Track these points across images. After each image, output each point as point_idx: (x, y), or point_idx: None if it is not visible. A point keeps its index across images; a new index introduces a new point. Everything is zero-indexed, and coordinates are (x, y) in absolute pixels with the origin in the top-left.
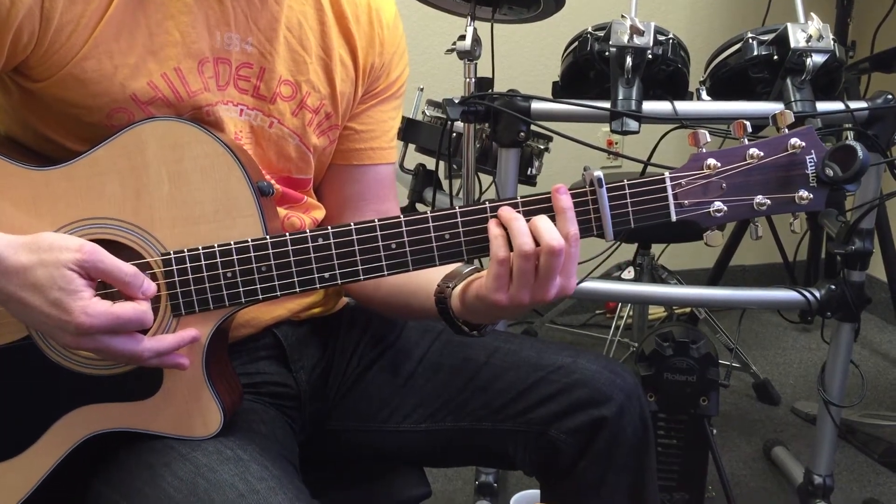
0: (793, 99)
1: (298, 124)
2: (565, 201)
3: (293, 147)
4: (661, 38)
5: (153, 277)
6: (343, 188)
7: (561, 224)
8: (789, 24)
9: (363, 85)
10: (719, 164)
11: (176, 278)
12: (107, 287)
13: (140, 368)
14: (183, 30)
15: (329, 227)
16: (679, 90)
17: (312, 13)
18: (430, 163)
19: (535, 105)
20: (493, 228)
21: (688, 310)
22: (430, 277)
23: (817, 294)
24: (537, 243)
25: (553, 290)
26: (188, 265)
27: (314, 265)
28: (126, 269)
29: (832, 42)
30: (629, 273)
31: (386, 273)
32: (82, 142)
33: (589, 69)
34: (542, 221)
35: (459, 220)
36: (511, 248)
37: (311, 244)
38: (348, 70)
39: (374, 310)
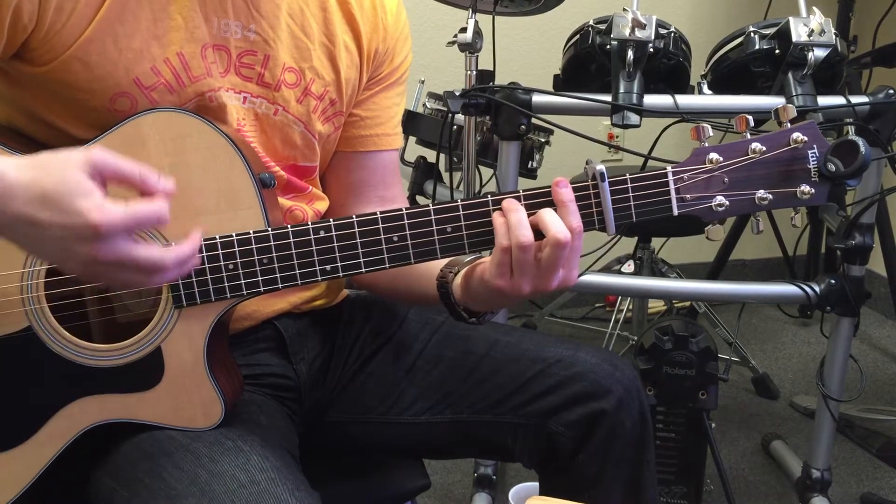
0: (794, 93)
1: (303, 111)
2: (566, 194)
3: (298, 134)
4: (663, 31)
5: None
6: (348, 175)
7: (564, 217)
8: (791, 18)
9: (368, 71)
10: (721, 159)
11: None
12: None
13: (140, 361)
14: (185, 14)
15: (331, 220)
16: (680, 84)
17: (314, 0)
18: (430, 155)
19: (536, 98)
20: (497, 218)
21: (687, 304)
22: (435, 263)
23: (817, 288)
24: (541, 235)
25: (555, 281)
26: None
27: (316, 257)
28: (137, 165)
29: (834, 36)
30: (629, 266)
31: (388, 266)
32: (86, 127)
33: (590, 62)
34: (548, 214)
35: (461, 213)
36: None
37: (312, 236)
38: (353, 56)
39: (377, 294)
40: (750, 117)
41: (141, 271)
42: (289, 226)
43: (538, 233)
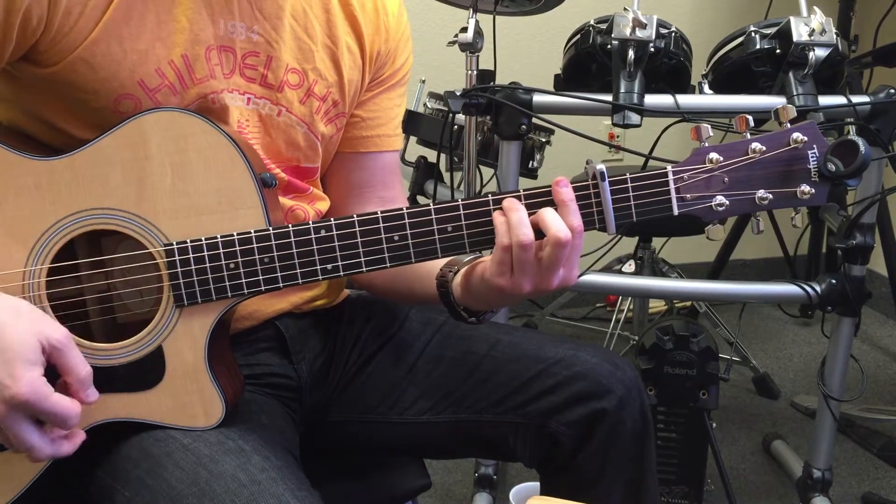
0: (795, 93)
1: (306, 112)
2: (566, 193)
3: (301, 135)
4: (664, 31)
5: (155, 268)
6: (349, 176)
7: (564, 216)
8: (792, 18)
9: (370, 72)
10: (721, 159)
11: (178, 269)
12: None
13: (141, 360)
14: (190, 17)
15: (332, 219)
16: (681, 83)
17: (317, 1)
18: (431, 155)
19: (537, 98)
20: (498, 217)
21: (688, 303)
22: (435, 263)
23: (818, 288)
24: (541, 234)
25: (556, 281)
26: (191, 256)
27: (317, 257)
28: (87, 367)
29: (835, 36)
30: (630, 266)
31: (388, 265)
32: (89, 128)
33: (591, 62)
34: (548, 214)
35: (462, 212)
36: None
37: (313, 236)
38: (355, 57)
39: (376, 294)
40: (750, 117)
41: (14, 446)
42: (290, 225)
43: (539, 232)
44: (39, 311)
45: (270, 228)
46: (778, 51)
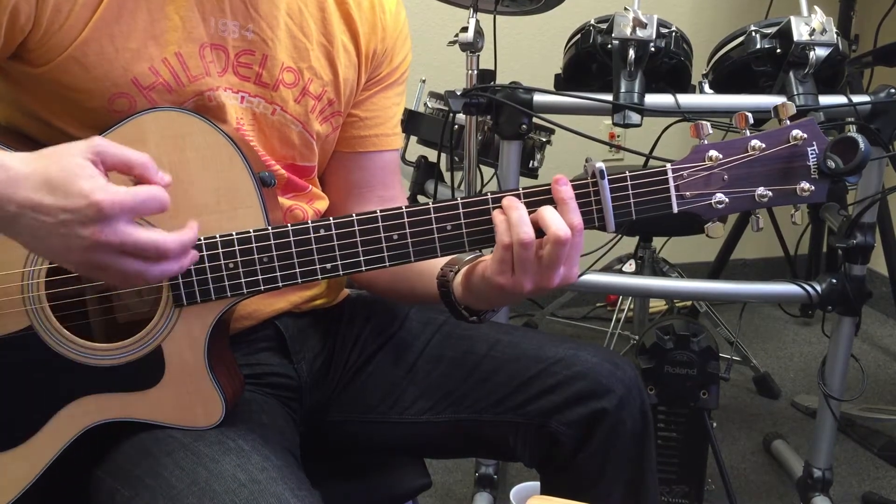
0: (795, 92)
1: (301, 111)
2: (566, 192)
3: (296, 134)
4: (664, 30)
5: None
6: (348, 175)
7: (564, 214)
8: (792, 18)
9: (366, 71)
10: (721, 156)
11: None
12: None
13: (141, 360)
14: (183, 14)
15: (331, 218)
16: (682, 83)
17: (313, 0)
18: (431, 155)
19: (538, 97)
20: (498, 215)
21: (689, 303)
22: (436, 262)
23: (818, 288)
24: (542, 233)
25: (556, 279)
26: None
27: (316, 256)
28: (139, 154)
29: (835, 35)
30: (630, 266)
31: (388, 264)
32: (86, 128)
33: (591, 62)
34: (548, 212)
35: (461, 211)
36: None
37: (312, 235)
38: (351, 56)
39: (377, 294)
40: (749, 114)
41: (143, 258)
42: (289, 225)
43: (539, 231)
44: (62, 145)
45: (269, 228)
46: (778, 50)
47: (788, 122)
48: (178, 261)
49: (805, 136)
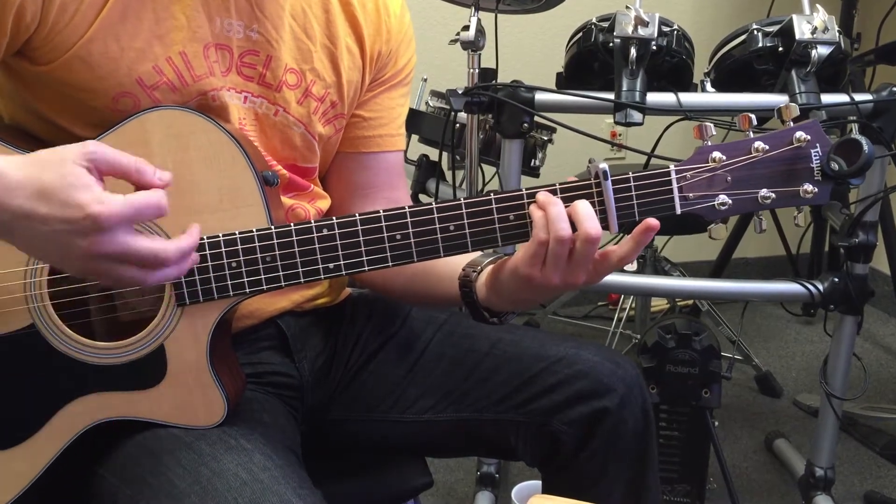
0: (797, 91)
1: (304, 113)
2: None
3: (298, 136)
4: (666, 29)
5: None
6: (352, 176)
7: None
8: (794, 16)
9: (370, 73)
10: (724, 158)
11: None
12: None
13: (143, 359)
14: (188, 14)
15: (334, 218)
16: (683, 82)
17: (317, 1)
18: (433, 153)
19: (539, 96)
20: (536, 211)
21: (690, 302)
22: (454, 263)
23: (820, 287)
24: (574, 228)
25: (583, 276)
26: None
27: (319, 256)
28: (133, 157)
29: (837, 34)
30: (632, 265)
31: (391, 264)
32: (89, 127)
33: (593, 60)
34: (582, 207)
35: (464, 211)
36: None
37: (315, 234)
38: (355, 58)
39: (391, 297)
40: (753, 116)
41: (142, 265)
42: (292, 224)
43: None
44: (56, 150)
45: (272, 227)
46: (780, 49)
47: (792, 123)
48: (178, 266)
49: (808, 137)
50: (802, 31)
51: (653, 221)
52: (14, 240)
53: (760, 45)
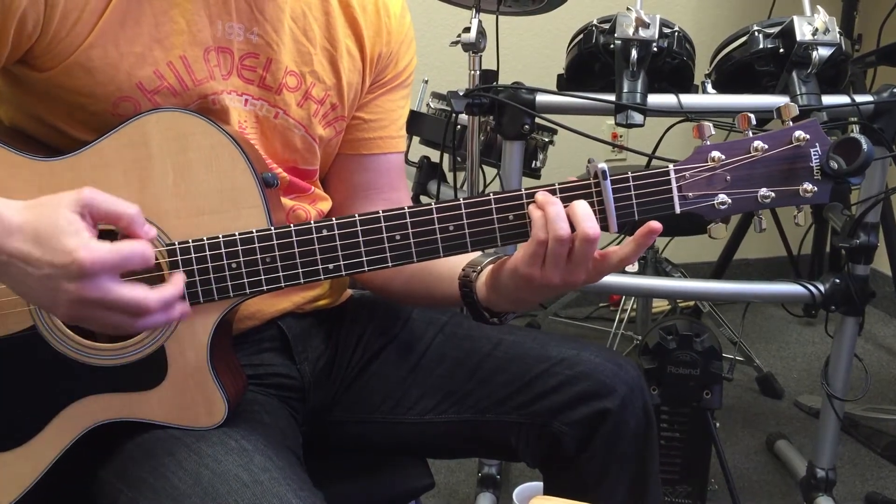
0: (798, 92)
1: (304, 115)
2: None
3: (299, 138)
4: (667, 30)
5: (158, 268)
6: (353, 178)
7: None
8: (795, 17)
9: (371, 75)
10: (723, 157)
11: (180, 269)
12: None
13: (144, 360)
14: (189, 18)
15: (333, 219)
16: (684, 83)
17: (317, 4)
18: (434, 155)
19: (540, 98)
20: (535, 210)
21: (692, 303)
22: (453, 263)
23: (821, 288)
24: (573, 228)
25: (583, 276)
26: (193, 256)
27: (318, 256)
28: (127, 206)
29: (838, 35)
30: (633, 266)
31: (391, 264)
32: (89, 131)
33: (594, 62)
34: (580, 207)
35: (463, 211)
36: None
37: (315, 235)
38: (355, 60)
39: (391, 297)
40: (752, 115)
41: (125, 313)
42: (292, 225)
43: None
44: (54, 196)
45: (272, 228)
46: (781, 50)
47: (791, 123)
48: (166, 313)
49: (808, 137)
50: (803, 32)
51: (655, 224)
52: (8, 281)
53: (761, 46)
